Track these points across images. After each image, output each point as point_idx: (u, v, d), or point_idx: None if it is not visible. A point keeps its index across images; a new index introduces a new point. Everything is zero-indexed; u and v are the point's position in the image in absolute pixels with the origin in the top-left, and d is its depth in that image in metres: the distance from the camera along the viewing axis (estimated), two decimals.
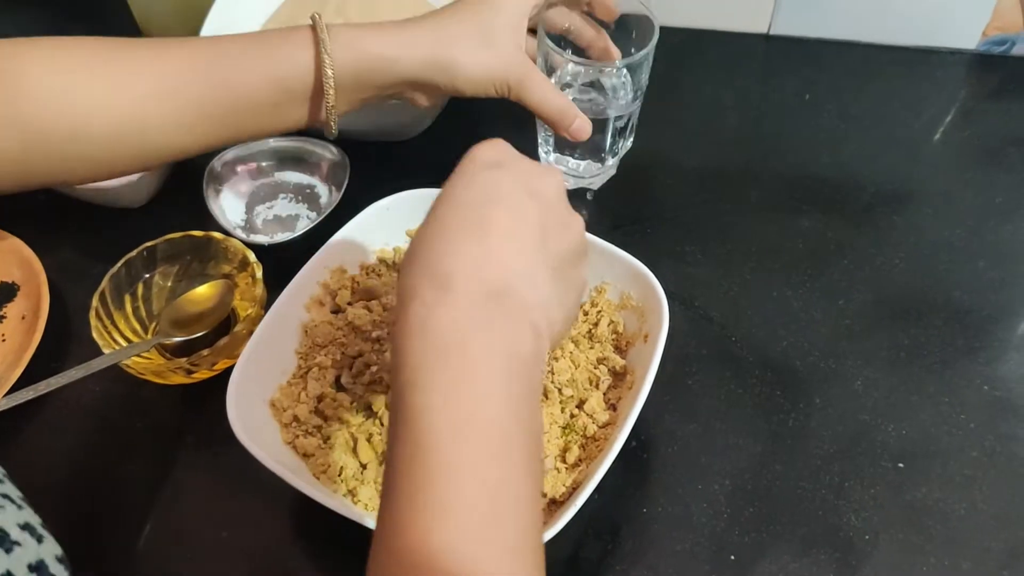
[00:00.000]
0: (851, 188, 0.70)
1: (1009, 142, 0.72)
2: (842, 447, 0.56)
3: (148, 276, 0.64)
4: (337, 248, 0.60)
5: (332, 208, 0.68)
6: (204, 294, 0.64)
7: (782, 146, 0.73)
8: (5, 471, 0.45)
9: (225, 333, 0.59)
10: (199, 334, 0.62)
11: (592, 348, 0.58)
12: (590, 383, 0.56)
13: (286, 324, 0.58)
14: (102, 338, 0.59)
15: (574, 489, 0.50)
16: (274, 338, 0.57)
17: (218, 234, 0.64)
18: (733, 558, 0.52)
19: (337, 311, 0.61)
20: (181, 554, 0.55)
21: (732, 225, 0.68)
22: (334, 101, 0.55)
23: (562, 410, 0.55)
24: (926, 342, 0.61)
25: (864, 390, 0.59)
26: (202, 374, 0.60)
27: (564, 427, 0.55)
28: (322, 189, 0.72)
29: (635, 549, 0.53)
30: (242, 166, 0.72)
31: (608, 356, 0.57)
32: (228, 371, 0.54)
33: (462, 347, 0.36)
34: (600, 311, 0.59)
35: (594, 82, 0.63)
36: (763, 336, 0.62)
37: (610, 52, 0.63)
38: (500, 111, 0.77)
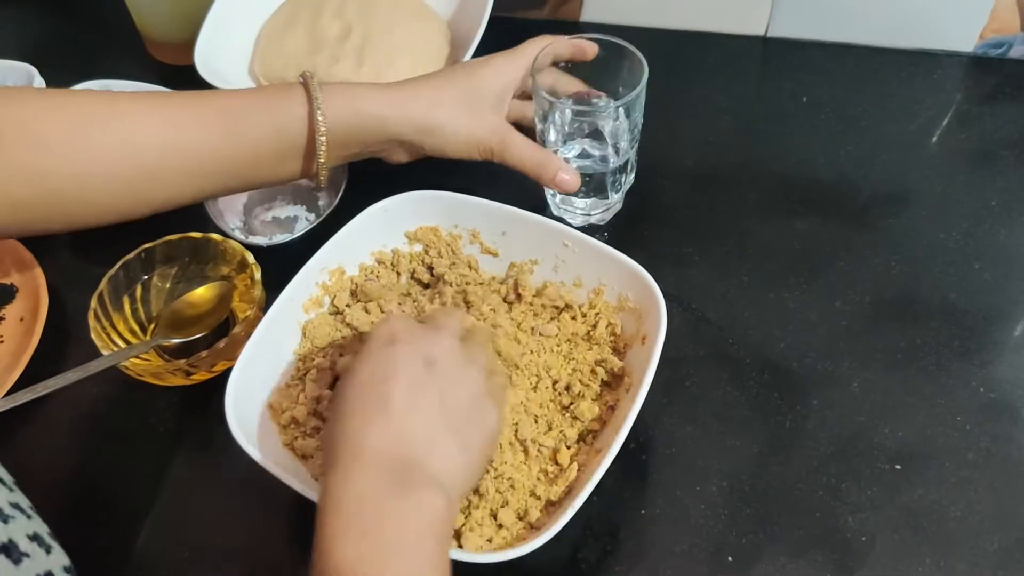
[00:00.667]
0: (848, 190, 0.70)
1: (1005, 145, 0.72)
2: (839, 448, 0.56)
3: (147, 278, 0.64)
4: (335, 249, 0.60)
5: (330, 210, 0.68)
6: (203, 296, 0.64)
7: (779, 148, 0.74)
8: (14, 478, 0.45)
9: (224, 335, 0.59)
10: (198, 336, 0.62)
11: (590, 350, 0.58)
12: (583, 384, 0.56)
13: (285, 326, 0.58)
14: (100, 340, 0.59)
15: (571, 491, 0.51)
16: (273, 340, 0.57)
17: (217, 236, 0.64)
18: (731, 559, 0.52)
19: (336, 312, 0.61)
20: (179, 556, 0.55)
21: (729, 227, 0.68)
22: (325, 157, 0.58)
23: (552, 401, 0.56)
24: (922, 344, 0.61)
25: (861, 392, 0.59)
26: (201, 376, 0.60)
27: (548, 424, 0.55)
28: (321, 191, 0.72)
29: (634, 550, 0.53)
30: None
31: (606, 358, 0.57)
32: (227, 373, 0.54)
33: (374, 512, 0.41)
34: (598, 313, 0.59)
35: (593, 131, 0.64)
36: (760, 338, 0.62)
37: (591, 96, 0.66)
38: None
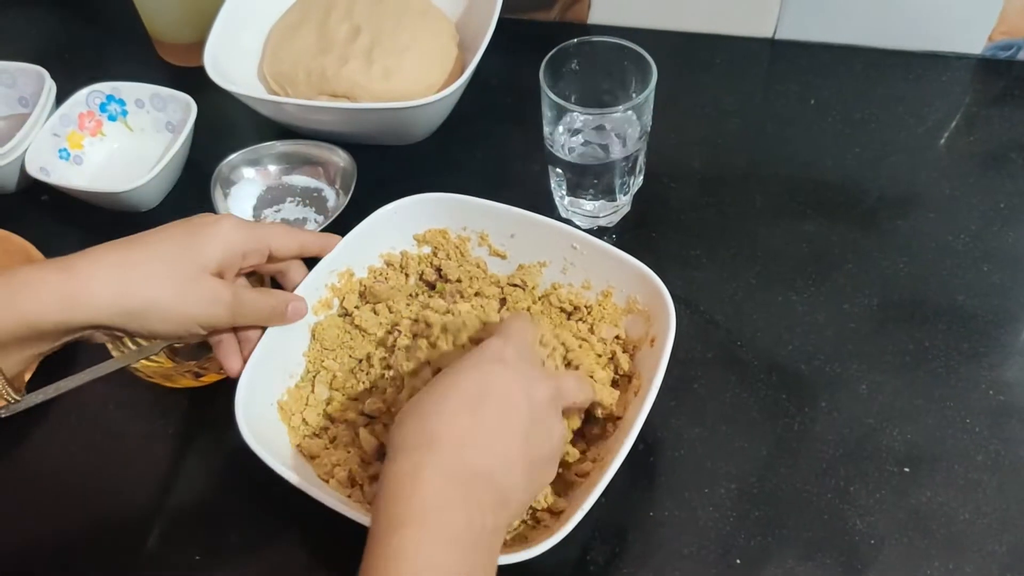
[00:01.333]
0: (856, 192, 0.70)
1: (1013, 147, 0.72)
2: (847, 451, 0.56)
3: None
4: (344, 251, 0.60)
5: (339, 212, 0.69)
6: None
7: (787, 150, 0.74)
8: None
9: None
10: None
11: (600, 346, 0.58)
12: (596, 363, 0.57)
13: (294, 327, 0.58)
14: (111, 341, 0.59)
15: (580, 493, 0.51)
16: (282, 341, 0.57)
17: None
18: (739, 562, 0.52)
19: (344, 314, 0.61)
20: (189, 557, 0.55)
21: (737, 229, 0.68)
22: None
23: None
24: (930, 346, 0.61)
25: (869, 394, 0.59)
26: (210, 377, 0.60)
27: None
28: (329, 193, 0.72)
29: (641, 553, 0.53)
30: (250, 169, 0.73)
31: (615, 355, 0.57)
32: None
33: (438, 510, 0.41)
34: (603, 316, 0.59)
35: (601, 127, 0.64)
36: (768, 340, 0.62)
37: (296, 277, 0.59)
38: (507, 114, 0.77)
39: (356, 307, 0.61)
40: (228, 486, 0.58)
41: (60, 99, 0.75)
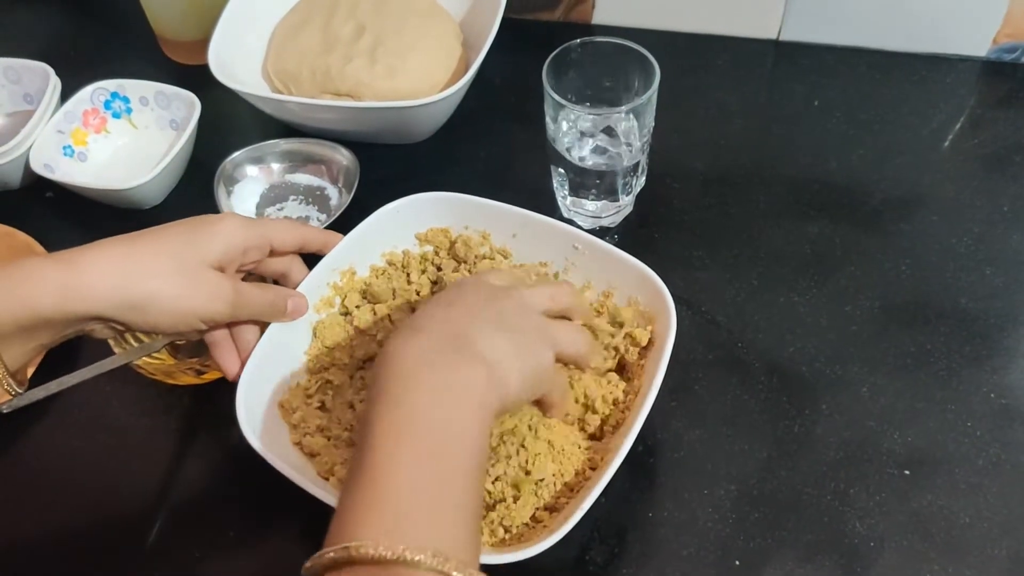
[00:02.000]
0: (859, 194, 0.70)
1: (1018, 150, 0.72)
2: (848, 453, 0.56)
3: None
4: (347, 250, 0.60)
5: (342, 210, 0.69)
6: None
7: (790, 151, 0.73)
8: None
9: None
10: None
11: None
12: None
13: (295, 325, 0.58)
14: (113, 338, 0.59)
15: (579, 493, 0.51)
16: (284, 339, 0.57)
17: None
18: (738, 563, 0.52)
19: (345, 313, 0.61)
20: (189, 553, 0.55)
21: (739, 230, 0.68)
22: None
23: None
24: (932, 349, 0.61)
25: (870, 397, 0.59)
26: (212, 375, 0.60)
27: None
28: (332, 191, 0.72)
29: (641, 554, 0.53)
30: (253, 167, 0.73)
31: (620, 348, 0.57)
32: None
33: (419, 371, 0.43)
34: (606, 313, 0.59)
35: (604, 128, 0.64)
36: (770, 341, 0.62)
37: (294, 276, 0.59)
38: (511, 114, 0.77)
39: (356, 306, 0.61)
40: (229, 483, 0.58)
41: (65, 96, 0.75)
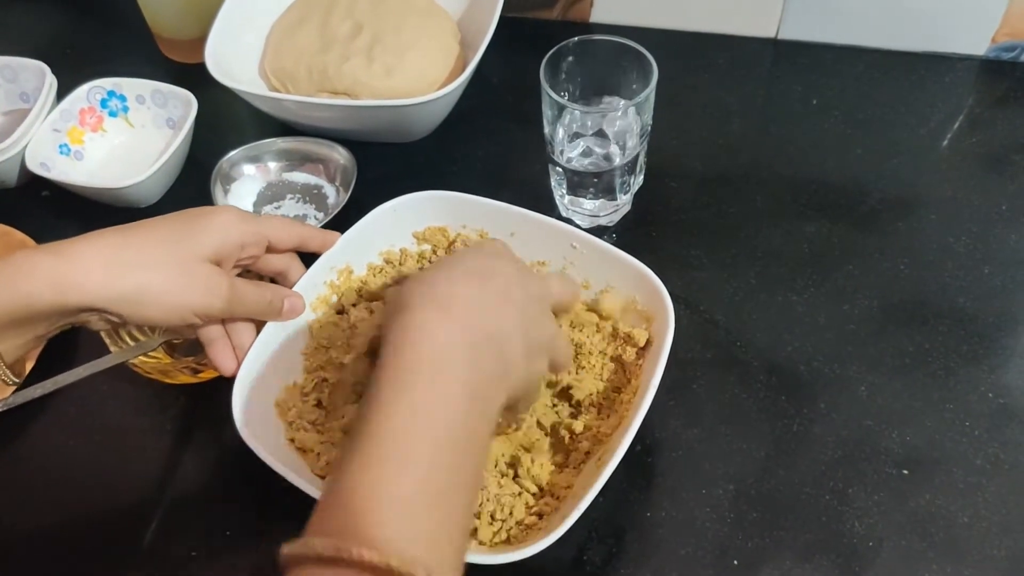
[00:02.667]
0: (857, 193, 0.70)
1: (1015, 149, 0.72)
2: (846, 453, 0.56)
3: None
4: (344, 249, 0.60)
5: (339, 209, 0.69)
6: None
7: (788, 150, 0.73)
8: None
9: None
10: None
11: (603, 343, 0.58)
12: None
13: (292, 324, 0.58)
14: (109, 336, 0.59)
15: (576, 493, 0.51)
16: (280, 338, 0.57)
17: None
18: (736, 563, 0.52)
19: (341, 311, 0.61)
20: (185, 552, 0.55)
21: (737, 229, 0.68)
22: None
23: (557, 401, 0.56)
24: (930, 348, 0.61)
25: (868, 396, 0.59)
26: (208, 374, 0.60)
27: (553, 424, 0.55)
28: (329, 190, 0.72)
29: (639, 553, 0.53)
30: (250, 166, 0.72)
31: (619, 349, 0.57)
32: None
33: (449, 364, 0.41)
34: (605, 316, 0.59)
35: (602, 133, 0.64)
36: (768, 341, 0.62)
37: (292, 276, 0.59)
38: (509, 112, 0.77)
39: (353, 305, 0.61)
40: (225, 482, 0.58)
41: (61, 95, 0.75)
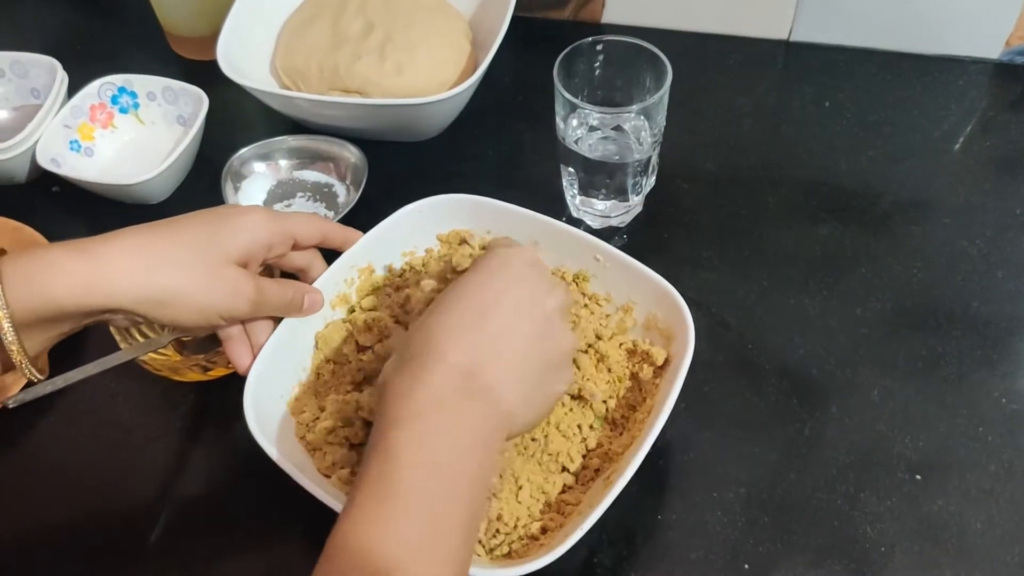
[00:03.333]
0: (869, 196, 0.70)
1: None
2: (858, 457, 0.56)
3: None
4: (366, 247, 0.59)
5: (350, 207, 0.68)
6: None
7: (800, 152, 0.73)
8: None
9: None
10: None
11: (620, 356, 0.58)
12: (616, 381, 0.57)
13: (306, 322, 0.57)
14: (119, 334, 0.59)
15: (589, 501, 0.50)
16: (294, 336, 0.57)
17: None
18: (747, 567, 0.52)
19: (352, 311, 0.61)
20: (194, 550, 0.55)
21: (749, 231, 0.68)
22: (17, 348, 0.46)
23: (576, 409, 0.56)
24: (944, 353, 0.61)
25: (881, 400, 0.58)
26: (218, 371, 0.60)
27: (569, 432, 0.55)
28: (340, 188, 0.72)
29: (650, 556, 0.53)
30: (261, 164, 0.72)
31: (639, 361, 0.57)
32: None
33: (439, 407, 0.43)
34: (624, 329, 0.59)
35: (615, 127, 0.64)
36: (780, 343, 0.61)
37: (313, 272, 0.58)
38: (519, 112, 0.77)
39: (372, 309, 0.60)
40: (234, 481, 0.58)
41: (72, 91, 0.75)
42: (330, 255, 0.59)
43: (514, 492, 0.52)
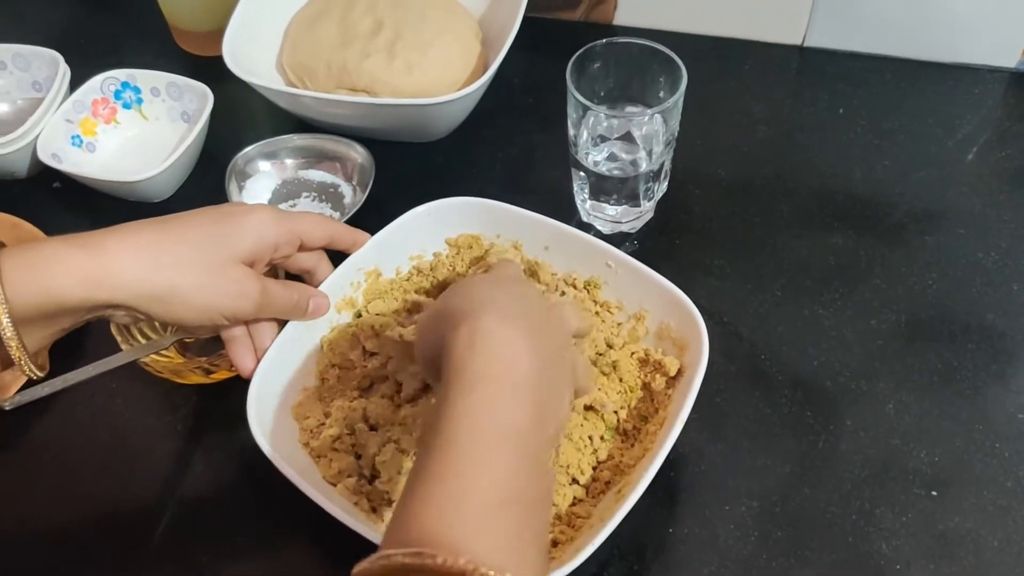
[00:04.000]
0: (883, 205, 0.69)
1: None
2: (873, 472, 0.55)
3: None
4: (373, 250, 0.58)
5: (356, 208, 0.67)
6: None
7: (814, 160, 0.72)
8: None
9: None
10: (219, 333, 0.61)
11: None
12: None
13: (310, 325, 0.57)
14: (120, 334, 0.58)
15: (590, 519, 0.49)
16: (298, 339, 0.56)
17: None
18: None
19: (359, 315, 0.60)
20: (195, 552, 0.54)
21: (762, 240, 0.67)
22: (16, 340, 0.45)
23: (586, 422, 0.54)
24: (959, 366, 0.60)
25: (896, 413, 0.58)
26: (221, 374, 0.59)
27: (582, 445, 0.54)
28: (346, 189, 0.71)
29: (661, 571, 0.52)
30: (266, 162, 0.71)
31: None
32: None
33: (518, 376, 0.40)
34: (637, 339, 0.57)
35: (627, 133, 0.63)
36: (793, 354, 0.60)
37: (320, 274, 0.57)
38: (529, 114, 0.76)
39: (378, 314, 0.59)
40: (236, 485, 0.57)
41: (74, 85, 0.74)
42: (336, 257, 0.58)
43: None
